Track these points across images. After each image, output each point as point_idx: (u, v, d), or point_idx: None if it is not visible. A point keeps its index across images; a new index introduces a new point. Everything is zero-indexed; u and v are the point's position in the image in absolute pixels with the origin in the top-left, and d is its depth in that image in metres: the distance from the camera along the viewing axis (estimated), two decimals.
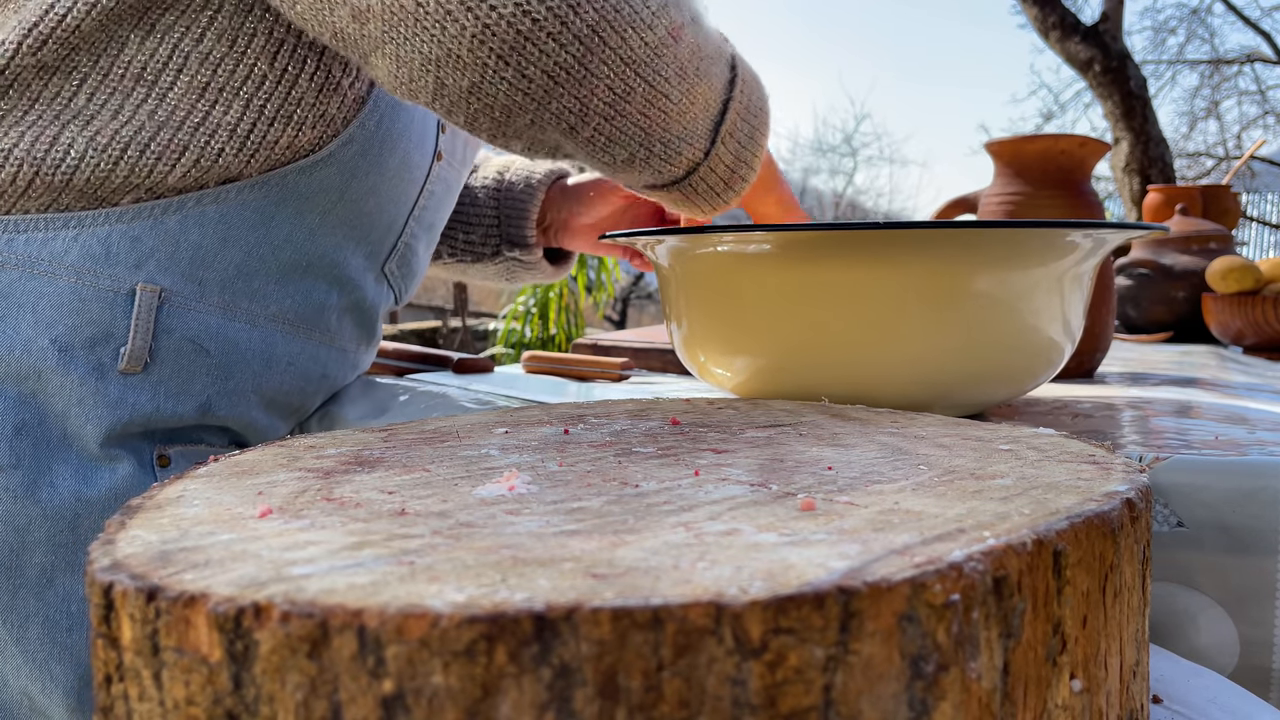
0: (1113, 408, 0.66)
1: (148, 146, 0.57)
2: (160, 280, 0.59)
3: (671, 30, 0.50)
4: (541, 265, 0.92)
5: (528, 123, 0.50)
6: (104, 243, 0.57)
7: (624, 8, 0.48)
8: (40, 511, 0.57)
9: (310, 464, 0.36)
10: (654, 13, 0.49)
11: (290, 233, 0.63)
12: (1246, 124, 10.41)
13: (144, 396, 0.60)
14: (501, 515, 0.28)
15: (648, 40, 0.49)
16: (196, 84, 0.57)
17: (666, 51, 0.50)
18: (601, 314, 5.19)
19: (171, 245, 0.59)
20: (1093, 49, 5.36)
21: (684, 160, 0.54)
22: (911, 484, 0.32)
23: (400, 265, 0.74)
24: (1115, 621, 0.29)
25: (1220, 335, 1.33)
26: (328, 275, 0.67)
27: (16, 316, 0.56)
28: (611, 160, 0.53)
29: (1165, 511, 0.45)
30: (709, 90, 0.53)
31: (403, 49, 0.48)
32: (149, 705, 0.23)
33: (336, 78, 0.61)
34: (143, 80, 0.56)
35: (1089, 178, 0.87)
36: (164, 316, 0.59)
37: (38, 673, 0.58)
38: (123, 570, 0.23)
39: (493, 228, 0.90)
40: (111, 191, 0.57)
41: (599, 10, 0.47)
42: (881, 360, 0.54)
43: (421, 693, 0.20)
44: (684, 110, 0.52)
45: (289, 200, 0.62)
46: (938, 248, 0.52)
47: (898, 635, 0.22)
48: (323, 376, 0.71)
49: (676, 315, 0.62)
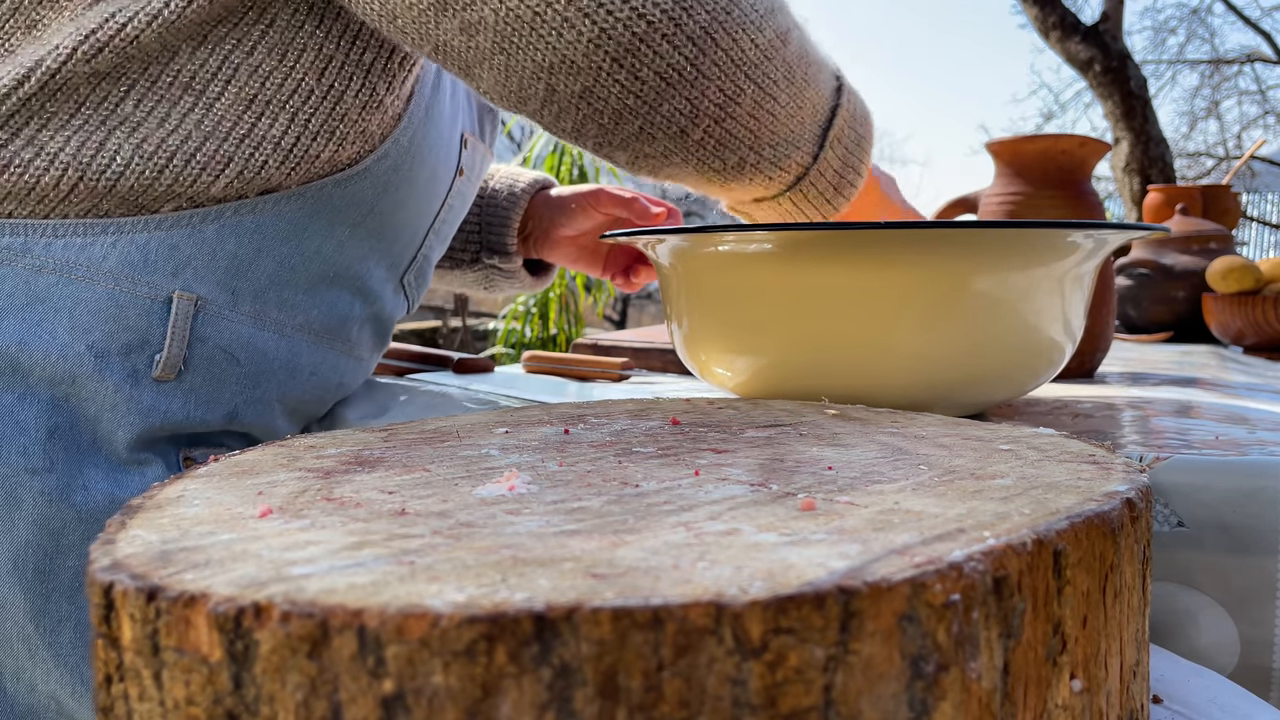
0: (1113, 408, 0.66)
1: (193, 156, 0.57)
2: (196, 288, 0.59)
3: (780, 34, 0.51)
4: (520, 275, 0.92)
5: (636, 130, 0.50)
6: (142, 250, 0.57)
7: (735, 10, 0.49)
8: (75, 514, 0.57)
9: (310, 464, 0.36)
10: (763, 16, 0.50)
11: (321, 244, 0.63)
12: (1246, 124, 10.41)
13: (175, 404, 0.60)
14: (501, 515, 0.28)
15: (758, 42, 0.50)
16: (244, 96, 0.57)
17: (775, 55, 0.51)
18: (601, 314, 5.19)
19: (209, 254, 0.59)
20: (1093, 49, 5.36)
21: (793, 164, 0.54)
22: (912, 484, 0.32)
23: (418, 276, 0.75)
24: (1115, 621, 0.29)
25: (1220, 335, 1.33)
26: (352, 286, 0.67)
27: (53, 321, 0.56)
28: (722, 166, 0.53)
29: (1165, 511, 0.45)
30: (816, 95, 0.54)
31: (514, 59, 0.48)
32: (149, 705, 0.23)
33: (380, 95, 0.61)
34: (191, 89, 0.56)
35: (1089, 178, 0.87)
36: (199, 325, 0.59)
37: (69, 677, 0.58)
38: (123, 570, 0.23)
39: (473, 234, 0.90)
40: (154, 199, 0.57)
41: (711, 12, 0.48)
42: (882, 360, 0.54)
43: (422, 693, 0.20)
44: (792, 114, 0.52)
45: (322, 212, 0.62)
46: (938, 248, 0.52)
47: (898, 635, 0.22)
48: (339, 385, 0.71)
49: (677, 315, 0.62)
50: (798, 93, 0.52)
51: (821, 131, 0.55)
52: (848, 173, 0.57)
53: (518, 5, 0.47)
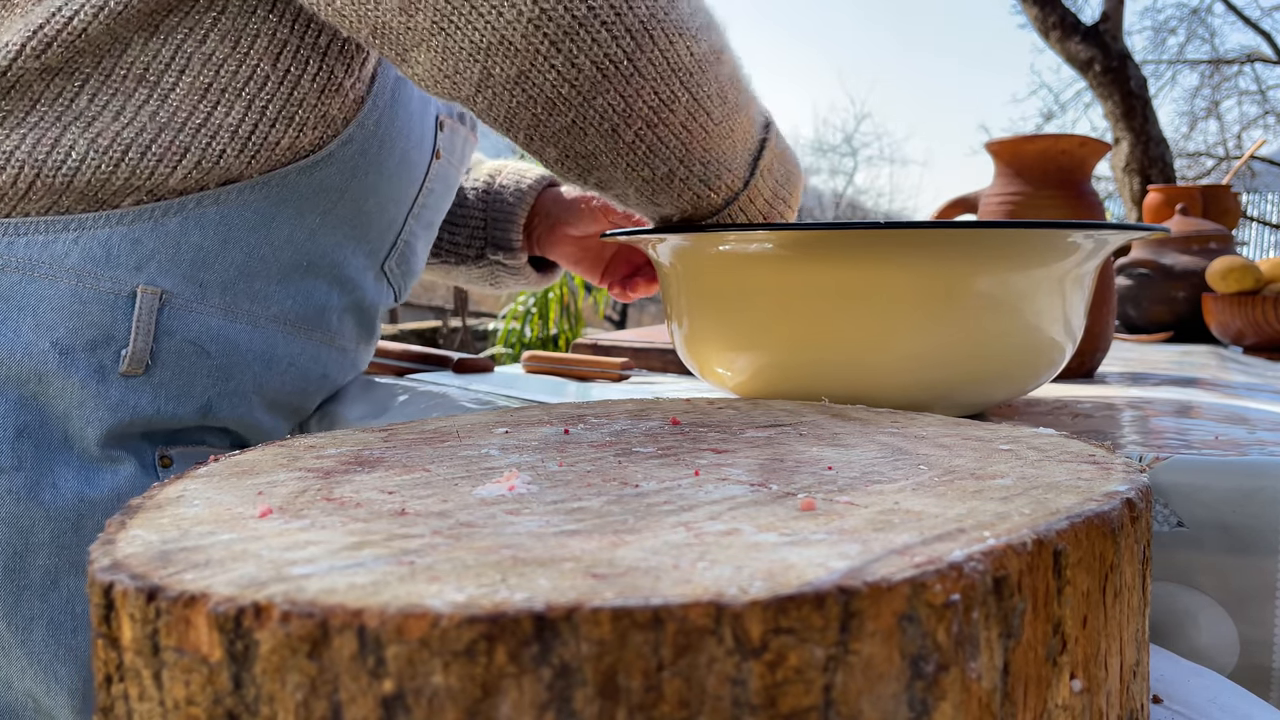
0: (1113, 408, 0.66)
1: (149, 148, 0.57)
2: (161, 282, 0.59)
3: (714, 50, 0.51)
4: (526, 271, 0.91)
5: (569, 123, 0.50)
6: (104, 245, 0.57)
7: (673, 13, 0.48)
8: (44, 513, 0.57)
9: (310, 464, 0.36)
10: (699, 28, 0.50)
11: (291, 233, 0.63)
12: (1247, 124, 10.41)
13: (145, 398, 0.60)
14: (501, 515, 0.28)
15: (694, 51, 0.49)
16: (199, 85, 0.57)
17: (710, 69, 0.50)
18: (601, 314, 5.19)
19: (172, 247, 0.59)
20: (1093, 49, 5.36)
21: (724, 186, 0.54)
22: (912, 484, 0.32)
23: (400, 263, 0.74)
24: (1115, 621, 0.29)
25: (1220, 335, 1.33)
26: (328, 275, 0.67)
27: (17, 319, 0.56)
28: (651, 175, 0.52)
29: (1165, 511, 0.45)
30: (748, 122, 0.53)
31: (451, 38, 0.48)
32: (149, 705, 0.23)
33: (339, 78, 0.61)
34: (145, 81, 0.56)
35: (1089, 178, 0.87)
36: (165, 318, 0.59)
37: (43, 675, 0.58)
38: (123, 570, 0.23)
39: (479, 229, 0.89)
40: (112, 194, 0.57)
41: (650, 9, 0.48)
42: (882, 360, 0.54)
43: (421, 693, 0.20)
44: (725, 134, 0.52)
45: (290, 201, 0.62)
46: (938, 248, 0.52)
47: (898, 635, 0.22)
48: (323, 376, 0.71)
49: (677, 315, 0.62)
50: (730, 114, 0.52)
51: (753, 160, 0.54)
52: (778, 204, 0.56)
53: None
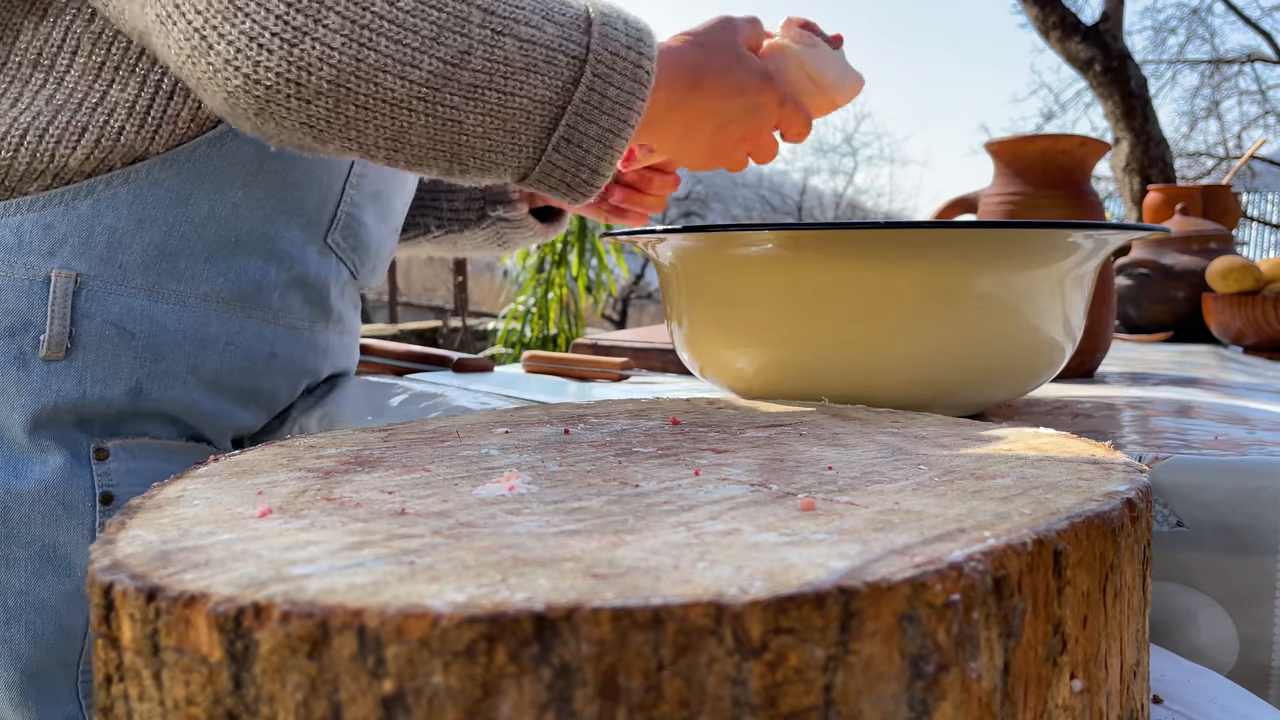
0: (1113, 408, 0.66)
1: (46, 130, 0.57)
2: (75, 265, 0.59)
3: (450, 60, 0.48)
4: (529, 222, 0.89)
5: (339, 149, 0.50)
6: (15, 232, 0.58)
7: (369, 57, 0.47)
8: None
9: (310, 464, 0.36)
10: (416, 50, 0.47)
11: (212, 209, 0.63)
12: (1247, 124, 10.41)
13: (69, 382, 0.60)
14: (501, 515, 0.28)
15: (412, 78, 0.48)
16: (92, 64, 0.58)
17: (445, 83, 0.48)
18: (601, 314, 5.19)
19: (85, 230, 0.59)
20: (1093, 49, 5.36)
21: (507, 169, 0.52)
22: (912, 484, 0.32)
23: (346, 236, 0.73)
24: (1115, 621, 0.29)
25: (1220, 335, 1.33)
26: (261, 250, 0.66)
27: None
28: (429, 172, 0.52)
29: (1165, 511, 0.45)
30: (526, 102, 0.51)
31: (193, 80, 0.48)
32: (149, 705, 0.23)
33: None
34: (40, 66, 0.57)
35: (1089, 178, 0.87)
36: (82, 301, 0.60)
37: None
38: (123, 570, 0.23)
39: (475, 189, 0.88)
40: (18, 180, 0.58)
41: (335, 68, 0.46)
42: (882, 360, 0.54)
43: (421, 693, 0.20)
44: (490, 130, 0.50)
45: (205, 176, 0.62)
46: (939, 248, 0.52)
47: (898, 635, 0.22)
48: (271, 355, 0.69)
49: (677, 314, 0.62)
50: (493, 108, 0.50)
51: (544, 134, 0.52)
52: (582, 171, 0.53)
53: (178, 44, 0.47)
